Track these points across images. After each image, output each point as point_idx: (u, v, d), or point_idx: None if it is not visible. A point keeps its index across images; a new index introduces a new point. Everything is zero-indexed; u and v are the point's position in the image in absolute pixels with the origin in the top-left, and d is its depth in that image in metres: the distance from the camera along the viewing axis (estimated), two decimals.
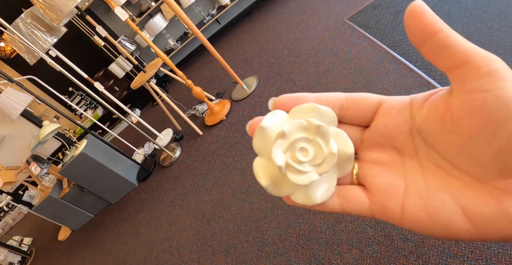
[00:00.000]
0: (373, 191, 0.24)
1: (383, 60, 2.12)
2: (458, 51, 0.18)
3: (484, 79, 0.17)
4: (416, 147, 0.23)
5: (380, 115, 0.24)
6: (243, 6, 4.57)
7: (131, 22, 2.44)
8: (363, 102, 0.25)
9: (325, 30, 2.84)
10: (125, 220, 2.94)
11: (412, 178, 0.23)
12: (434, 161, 0.22)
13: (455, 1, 2.18)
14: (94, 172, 2.99)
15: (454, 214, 0.20)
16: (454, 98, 0.19)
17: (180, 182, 2.69)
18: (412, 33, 0.19)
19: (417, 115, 0.22)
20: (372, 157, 0.25)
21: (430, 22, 0.18)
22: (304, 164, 0.24)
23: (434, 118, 0.21)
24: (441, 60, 0.19)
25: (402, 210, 0.22)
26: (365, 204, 0.24)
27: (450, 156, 0.21)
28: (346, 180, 0.26)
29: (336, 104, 0.25)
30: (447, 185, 0.21)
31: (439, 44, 0.19)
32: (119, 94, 4.89)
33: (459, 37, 0.18)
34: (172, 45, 4.61)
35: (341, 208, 0.25)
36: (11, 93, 2.67)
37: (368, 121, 0.25)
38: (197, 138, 2.97)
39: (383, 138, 0.24)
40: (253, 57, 3.44)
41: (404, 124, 0.23)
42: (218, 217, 2.10)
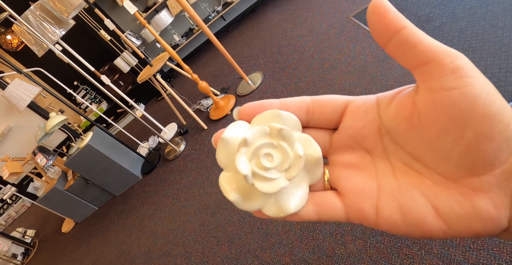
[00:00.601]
0: (346, 195, 0.24)
1: (388, 56, 2.15)
2: (422, 49, 0.18)
3: (449, 77, 0.17)
4: (385, 146, 0.22)
5: (348, 116, 0.24)
6: (249, 3, 4.59)
7: (139, 16, 2.47)
8: (329, 104, 0.24)
9: (330, 27, 2.86)
10: (129, 212, 2.97)
11: (384, 179, 0.22)
12: (403, 161, 0.22)
13: (460, 0, 2.21)
14: (99, 164, 3.02)
15: (427, 213, 0.20)
16: (420, 96, 0.19)
17: (185, 175, 2.73)
18: (375, 31, 0.19)
19: (385, 114, 0.22)
20: (342, 160, 0.25)
21: (393, 19, 0.18)
22: (271, 171, 0.23)
23: (401, 116, 0.20)
24: (405, 58, 0.19)
25: (376, 212, 0.22)
26: (339, 209, 0.24)
27: (420, 155, 0.21)
28: (318, 186, 0.25)
29: (302, 108, 0.25)
30: (418, 184, 0.21)
31: (403, 42, 0.18)
32: (124, 88, 4.92)
33: (423, 34, 0.18)
34: (178, 41, 4.65)
35: (317, 216, 0.24)
36: (19, 84, 2.70)
37: (336, 123, 0.25)
38: (201, 132, 3.00)
39: (352, 140, 0.24)
40: (258, 53, 3.47)
41: (372, 124, 0.22)
42: (223, 209, 2.13)
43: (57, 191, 3.23)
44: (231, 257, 1.82)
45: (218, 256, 1.88)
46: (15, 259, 4.02)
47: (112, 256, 2.63)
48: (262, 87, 2.88)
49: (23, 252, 4.14)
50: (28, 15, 2.52)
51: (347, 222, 0.24)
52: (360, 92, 2.05)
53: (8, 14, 2.35)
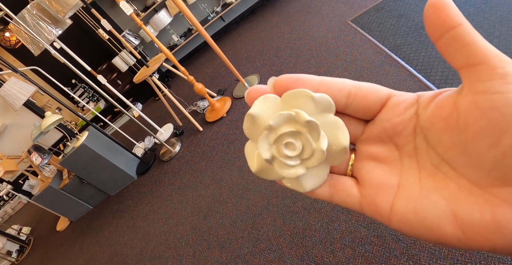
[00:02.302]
0: (365, 185, 0.24)
1: (383, 62, 2.15)
2: (475, 49, 0.18)
3: (498, 81, 0.17)
4: (416, 145, 0.22)
5: (388, 109, 0.23)
6: (248, 4, 4.58)
7: (136, 17, 2.46)
8: (372, 92, 0.24)
9: (328, 31, 2.86)
10: (123, 213, 2.97)
11: (407, 177, 0.22)
12: (432, 162, 0.21)
13: (457, 7, 2.20)
14: (94, 164, 3.02)
15: (444, 218, 0.20)
16: (463, 97, 0.19)
17: (179, 176, 2.73)
18: (430, 25, 0.19)
19: (422, 113, 0.21)
20: (370, 150, 0.25)
21: (451, 15, 0.18)
22: (291, 159, 0.23)
23: (439, 116, 0.20)
24: (456, 57, 0.18)
25: (391, 208, 0.22)
26: (355, 197, 0.24)
27: (450, 157, 0.20)
28: (339, 169, 0.26)
29: (343, 90, 0.24)
30: (442, 187, 0.20)
31: (457, 39, 0.18)
32: (122, 88, 4.92)
33: (478, 35, 0.18)
34: (176, 41, 4.64)
35: (330, 197, 0.25)
36: (15, 83, 2.70)
37: (373, 113, 0.24)
38: (197, 134, 3.00)
39: (386, 134, 0.24)
40: (255, 56, 3.47)
41: (409, 122, 0.22)
42: (215, 212, 2.13)
43: (52, 189, 3.23)
44: (221, 261, 1.82)
45: (209, 260, 1.88)
46: (9, 256, 4.03)
47: (105, 256, 2.64)
48: None
49: (18, 249, 4.15)
50: (24, 14, 2.51)
51: (360, 211, 0.24)
52: None
53: (4, 14, 2.34)
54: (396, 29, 2.38)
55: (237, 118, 2.75)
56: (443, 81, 1.81)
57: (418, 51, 2.09)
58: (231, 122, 2.76)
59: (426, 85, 1.82)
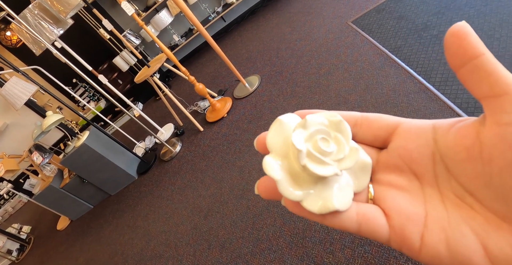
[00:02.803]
0: (392, 215, 0.22)
1: (384, 64, 2.16)
2: (498, 80, 0.17)
3: None
4: (437, 174, 0.21)
5: (399, 136, 0.23)
6: (249, 5, 4.59)
7: (137, 17, 2.47)
8: (378, 120, 0.24)
9: (329, 32, 2.87)
10: (123, 212, 2.98)
11: (433, 207, 0.21)
12: (455, 192, 0.20)
13: (457, 9, 2.21)
14: (95, 163, 3.03)
15: (476, 251, 0.19)
16: (487, 128, 0.18)
17: (179, 176, 2.74)
18: (451, 54, 0.19)
19: (442, 140, 0.21)
20: (388, 179, 0.24)
21: (473, 44, 0.18)
22: (326, 156, 0.22)
23: (461, 145, 0.19)
24: (478, 86, 0.18)
25: (421, 240, 0.21)
26: (384, 228, 0.22)
27: (474, 189, 0.19)
28: (360, 198, 0.24)
29: (350, 120, 0.24)
30: (469, 219, 0.19)
31: (479, 68, 0.18)
32: (122, 87, 4.93)
33: (501, 65, 0.18)
34: (177, 41, 4.65)
35: (358, 227, 0.22)
36: (16, 83, 2.70)
37: (382, 141, 0.24)
38: (197, 134, 3.01)
39: (402, 161, 0.23)
40: (256, 56, 3.47)
41: (426, 148, 0.21)
42: (215, 212, 2.14)
43: (53, 189, 3.24)
44: (221, 261, 1.83)
45: (209, 260, 1.89)
46: (10, 255, 4.04)
47: (105, 255, 2.64)
48: (258, 90, 2.89)
49: (18, 248, 4.16)
50: (26, 14, 2.52)
51: (386, 244, 0.22)
52: (355, 99, 2.06)
53: (6, 13, 2.35)
54: (396, 31, 2.39)
55: (237, 119, 2.76)
56: (443, 83, 1.82)
57: (419, 53, 2.10)
58: (232, 123, 2.77)
59: (426, 87, 1.83)
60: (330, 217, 0.22)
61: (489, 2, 2.10)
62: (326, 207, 0.22)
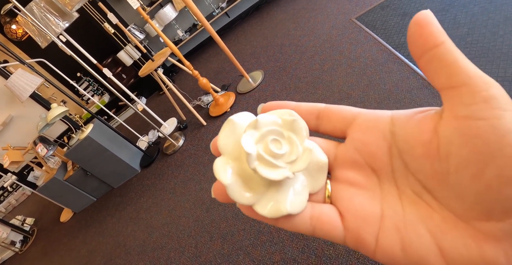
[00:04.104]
0: (348, 216, 0.22)
1: (387, 60, 2.16)
2: (456, 70, 0.17)
3: (480, 105, 0.16)
4: (394, 169, 0.21)
5: (355, 128, 0.22)
6: (253, 1, 4.59)
7: (142, 11, 2.49)
8: (338, 112, 0.23)
9: (333, 28, 2.87)
10: (126, 205, 3.01)
11: (390, 205, 0.21)
12: (413, 188, 0.20)
13: (462, 6, 2.21)
14: (99, 156, 3.06)
15: (430, 252, 0.18)
16: (444, 122, 0.17)
17: (182, 170, 2.76)
18: (412, 42, 0.18)
19: (399, 133, 0.20)
20: (346, 176, 0.23)
21: (433, 33, 0.17)
22: (277, 158, 0.21)
23: (418, 140, 0.19)
24: (437, 77, 0.17)
25: (376, 242, 0.20)
26: (338, 230, 0.21)
27: (431, 186, 0.19)
28: (317, 198, 0.23)
29: (312, 113, 0.24)
30: (426, 218, 0.19)
31: (438, 58, 0.17)
32: (126, 81, 4.95)
33: (461, 54, 0.17)
34: (181, 36, 4.66)
35: (312, 230, 0.22)
36: (21, 75, 2.73)
37: (342, 134, 0.24)
38: (200, 128, 3.03)
39: (359, 155, 0.22)
40: (260, 52, 3.49)
41: (383, 141, 0.21)
42: (218, 205, 2.16)
43: (57, 181, 3.28)
44: (223, 252, 1.86)
45: (211, 251, 1.92)
46: (13, 246, 4.09)
47: (108, 247, 2.68)
48: (262, 85, 2.90)
49: (21, 239, 4.21)
50: (32, 7, 2.54)
51: (342, 244, 0.22)
52: (358, 95, 2.07)
53: (13, 5, 2.37)
54: (400, 27, 2.40)
55: None
56: None
57: None
58: None
59: (429, 83, 1.84)
60: (283, 221, 0.22)
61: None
62: (278, 211, 0.21)
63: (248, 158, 0.20)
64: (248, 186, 0.21)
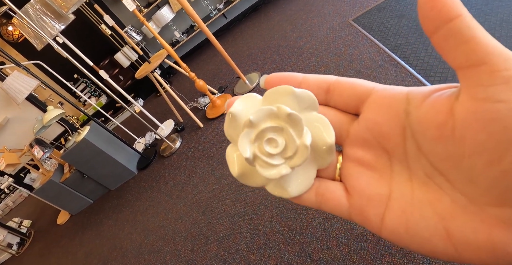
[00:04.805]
0: (354, 195, 0.22)
1: (384, 62, 2.16)
2: (475, 46, 0.15)
3: (502, 86, 0.14)
4: (407, 150, 0.20)
5: (369, 107, 0.21)
6: (251, 2, 4.59)
7: (138, 13, 2.48)
8: (350, 87, 0.22)
9: (329, 30, 2.87)
10: (123, 207, 3.00)
11: (398, 187, 0.20)
12: (425, 170, 0.19)
13: None
14: (95, 158, 3.04)
15: (435, 234, 0.18)
16: (460, 104, 0.16)
17: (179, 172, 2.75)
18: (424, 16, 0.16)
19: (414, 113, 0.19)
20: (356, 154, 0.22)
21: (448, 5, 0.15)
22: (273, 157, 0.22)
23: (432, 122, 0.17)
24: (453, 54, 0.16)
25: (381, 222, 0.20)
26: (343, 207, 0.22)
27: (444, 169, 0.18)
28: (327, 173, 0.24)
29: (322, 87, 0.23)
30: (435, 201, 0.19)
31: (455, 34, 0.15)
32: (124, 83, 4.93)
33: (481, 29, 0.15)
34: (178, 38, 4.65)
35: (318, 205, 0.23)
36: (17, 77, 2.72)
37: (355, 110, 0.22)
38: (197, 130, 3.03)
39: (371, 135, 0.21)
40: (257, 53, 3.48)
41: (396, 121, 0.20)
42: (214, 208, 2.16)
43: (53, 183, 3.26)
44: (219, 256, 1.85)
45: (207, 255, 1.91)
46: (10, 249, 4.07)
47: (105, 249, 2.67)
48: (259, 87, 2.90)
49: (18, 242, 4.19)
50: (28, 9, 2.53)
51: (349, 220, 0.22)
52: None
53: (8, 8, 2.36)
54: (397, 29, 2.39)
55: None
56: (442, 81, 1.83)
57: (418, 52, 2.11)
58: None
59: (425, 85, 1.84)
60: (293, 199, 0.24)
61: (489, 1, 2.11)
62: (283, 193, 0.23)
63: (247, 161, 0.22)
64: (256, 173, 0.23)
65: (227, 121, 0.23)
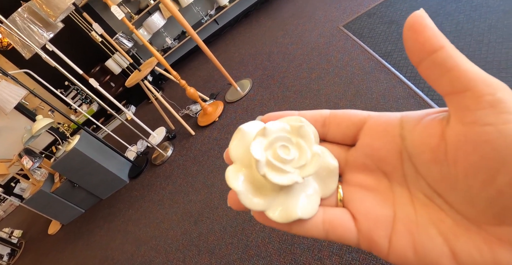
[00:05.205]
0: (360, 218, 0.21)
1: (374, 69, 2.16)
2: (459, 74, 0.16)
3: (487, 110, 0.15)
4: (405, 173, 0.20)
5: (365, 134, 0.22)
6: (242, 8, 4.59)
7: (127, 21, 2.46)
8: (346, 118, 0.23)
9: (320, 36, 2.87)
10: (114, 217, 2.96)
11: (402, 208, 0.20)
12: (424, 192, 0.20)
13: (447, 14, 2.22)
14: (86, 167, 3.01)
15: (442, 256, 0.18)
16: (451, 128, 0.17)
17: (171, 181, 2.72)
18: (410, 48, 0.17)
19: (408, 137, 0.19)
20: (357, 180, 0.23)
21: (431, 37, 0.16)
22: (286, 164, 0.21)
23: (426, 145, 0.18)
24: (439, 82, 0.17)
25: (389, 244, 0.20)
26: (352, 233, 0.21)
27: (442, 190, 0.18)
28: (329, 202, 0.23)
29: (318, 120, 0.24)
30: (438, 221, 0.19)
31: (439, 64, 0.16)
32: (115, 90, 4.89)
33: (462, 57, 0.16)
34: (170, 44, 4.63)
35: (325, 234, 0.22)
36: (5, 87, 2.68)
37: (352, 139, 0.23)
38: (189, 138, 3.00)
39: (370, 160, 0.22)
40: (248, 59, 3.47)
41: (393, 145, 0.20)
42: (205, 217, 2.13)
43: (44, 193, 3.21)
44: None
45: None
46: (1, 260, 3.99)
47: (96, 260, 2.62)
48: (250, 94, 2.88)
49: (9, 252, 4.12)
50: (15, 18, 2.50)
51: (357, 247, 0.22)
52: (345, 105, 2.06)
53: None
54: (387, 35, 2.40)
55: (229, 123, 2.76)
56: (432, 88, 1.82)
57: (408, 58, 2.10)
58: (223, 127, 2.76)
59: (415, 92, 1.84)
60: (296, 226, 0.22)
61: (478, 7, 2.12)
62: (289, 215, 0.21)
63: (258, 164, 0.21)
64: (259, 192, 0.22)
65: (234, 139, 0.23)
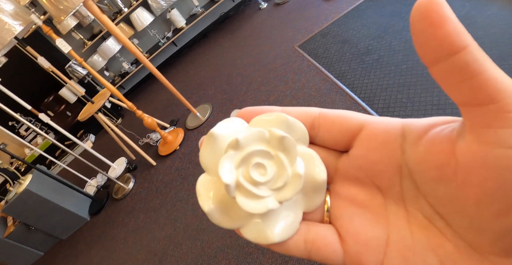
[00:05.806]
0: (348, 240, 0.19)
1: (330, 90, 2.17)
2: (484, 83, 0.13)
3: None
4: (403, 190, 0.18)
5: (361, 143, 0.19)
6: (199, 29, 4.56)
7: (75, 54, 2.36)
8: (339, 122, 0.20)
9: (277, 57, 2.87)
10: (76, 258, 2.77)
11: (396, 230, 0.18)
12: (424, 212, 0.17)
13: (396, 33, 2.28)
14: (41, 209, 2.80)
15: None
16: (465, 145, 0.14)
17: (133, 216, 2.59)
18: (422, 44, 0.13)
19: (411, 152, 0.17)
20: (347, 192, 0.20)
21: (453, 34, 0.12)
22: (260, 186, 0.19)
23: (432, 162, 0.15)
24: (457, 90, 0.14)
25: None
26: (338, 255, 0.19)
27: (445, 213, 0.16)
28: (314, 216, 0.21)
29: (306, 121, 0.20)
30: (437, 246, 0.17)
31: (460, 68, 0.13)
32: (72, 119, 4.66)
33: (489, 62, 0.13)
34: (127, 69, 4.49)
35: (307, 254, 0.20)
36: None
37: (345, 146, 0.20)
38: (150, 169, 2.88)
39: (364, 173, 0.19)
40: (208, 83, 3.41)
41: (392, 159, 0.18)
42: (170, 255, 2.03)
43: None
44: None
45: None
46: None
47: None
48: (210, 120, 2.82)
49: None
50: None
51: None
52: None
53: None
54: (340, 55, 2.43)
55: (190, 151, 2.67)
56: (385, 109, 1.84)
57: (361, 78, 2.13)
58: (184, 156, 2.67)
59: (370, 114, 1.84)
60: (275, 246, 0.20)
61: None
62: (264, 238, 0.19)
63: (227, 189, 0.18)
64: (231, 210, 0.19)
65: (205, 145, 0.20)
